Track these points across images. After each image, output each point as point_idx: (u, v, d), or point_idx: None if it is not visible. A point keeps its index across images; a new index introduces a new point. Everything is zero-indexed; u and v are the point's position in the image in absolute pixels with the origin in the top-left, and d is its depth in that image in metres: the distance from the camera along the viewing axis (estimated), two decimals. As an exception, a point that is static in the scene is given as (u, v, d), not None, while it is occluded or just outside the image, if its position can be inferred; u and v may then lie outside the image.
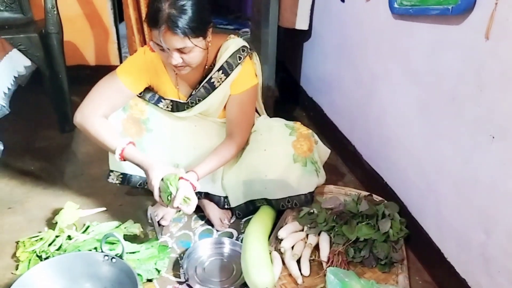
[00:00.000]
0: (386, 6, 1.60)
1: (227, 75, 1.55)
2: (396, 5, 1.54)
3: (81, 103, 1.52)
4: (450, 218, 1.36)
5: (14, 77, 1.85)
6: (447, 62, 1.32)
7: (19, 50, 2.00)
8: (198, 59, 1.45)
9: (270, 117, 1.82)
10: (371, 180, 1.85)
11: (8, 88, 1.75)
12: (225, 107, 1.67)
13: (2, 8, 2.17)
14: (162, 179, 1.38)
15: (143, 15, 2.43)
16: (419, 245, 1.54)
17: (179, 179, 1.40)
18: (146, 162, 1.43)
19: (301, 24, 2.35)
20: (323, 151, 1.74)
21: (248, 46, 1.58)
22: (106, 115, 1.54)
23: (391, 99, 1.66)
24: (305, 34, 2.41)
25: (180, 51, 1.39)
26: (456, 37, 1.28)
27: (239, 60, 1.55)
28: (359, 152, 1.97)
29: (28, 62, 2.01)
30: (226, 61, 1.54)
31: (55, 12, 2.07)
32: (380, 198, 1.69)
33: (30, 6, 2.20)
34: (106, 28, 2.80)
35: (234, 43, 1.56)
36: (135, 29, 2.51)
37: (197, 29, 1.36)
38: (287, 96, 2.68)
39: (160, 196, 1.39)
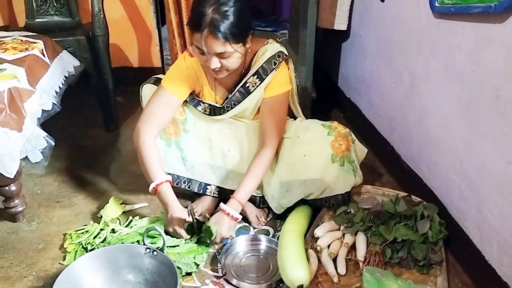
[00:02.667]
0: (427, 5, 1.58)
1: (261, 80, 1.58)
2: (437, 4, 1.52)
3: (138, 123, 1.60)
4: (492, 220, 1.33)
5: (65, 76, 1.95)
6: (490, 60, 1.29)
7: (68, 51, 2.10)
8: (236, 64, 1.49)
9: (307, 118, 1.82)
10: (410, 181, 1.82)
11: (59, 87, 1.85)
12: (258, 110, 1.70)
13: (52, 13, 2.30)
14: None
15: (184, 20, 2.49)
16: (459, 247, 1.51)
17: (220, 210, 1.58)
18: (176, 206, 1.55)
19: (340, 24, 2.34)
20: (360, 150, 1.73)
21: (284, 52, 1.60)
22: (161, 130, 1.63)
23: (432, 99, 1.64)
24: (344, 35, 2.41)
25: (220, 55, 1.43)
26: (499, 35, 1.25)
27: (274, 65, 1.57)
28: (397, 152, 1.94)
29: (77, 62, 2.11)
30: (262, 66, 1.57)
31: (102, 16, 2.16)
32: (419, 199, 1.66)
33: (78, 10, 2.33)
34: (149, 31, 2.89)
35: (271, 48, 1.59)
36: (175, 33, 2.57)
37: (238, 35, 1.40)
38: (324, 96, 2.67)
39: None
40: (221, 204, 1.58)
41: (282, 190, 1.65)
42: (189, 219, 1.54)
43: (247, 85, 1.59)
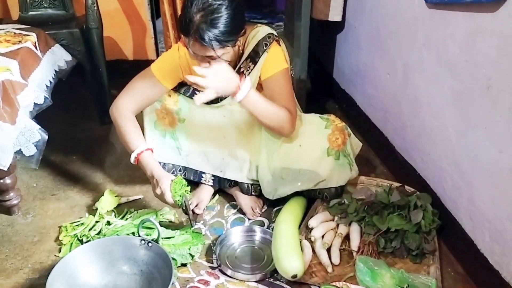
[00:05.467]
0: (420, -5, 1.58)
1: (254, 63, 1.57)
2: (430, -6, 1.53)
3: (117, 97, 1.62)
4: (484, 209, 1.34)
5: (55, 71, 1.94)
6: (482, 50, 1.30)
7: (62, 45, 2.09)
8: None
9: (302, 110, 1.83)
10: (404, 172, 1.83)
11: (50, 81, 1.84)
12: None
13: (46, 5, 2.28)
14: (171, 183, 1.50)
15: (178, 11, 2.48)
16: (452, 237, 1.53)
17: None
18: (159, 171, 1.54)
19: (335, 16, 2.34)
20: (355, 144, 1.74)
21: (274, 33, 1.59)
22: (139, 108, 1.63)
23: (425, 89, 1.65)
24: (339, 26, 2.40)
25: (208, 57, 1.43)
26: (491, 25, 1.25)
27: (265, 46, 1.56)
28: (391, 143, 1.95)
29: (69, 57, 2.10)
30: (253, 49, 1.56)
31: (95, 8, 2.15)
32: (413, 189, 1.68)
33: (72, 2, 2.31)
34: (144, 23, 2.87)
35: (261, 31, 1.58)
36: (169, 25, 2.56)
37: (226, 41, 1.39)
38: (319, 88, 2.68)
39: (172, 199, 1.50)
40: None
41: (277, 176, 1.66)
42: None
43: (241, 70, 1.59)
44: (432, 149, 1.63)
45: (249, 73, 1.58)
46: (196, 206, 1.73)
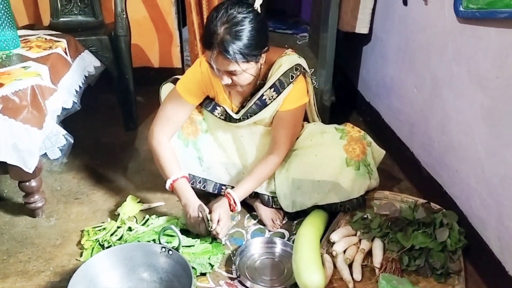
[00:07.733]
0: (451, 9, 1.55)
1: (278, 93, 1.56)
2: (461, 8, 1.50)
3: (152, 125, 1.65)
4: (514, 230, 1.30)
5: (85, 76, 1.98)
6: (515, 66, 1.27)
7: (90, 51, 2.14)
8: (248, 81, 1.48)
9: (326, 121, 1.81)
10: (430, 188, 1.79)
11: (80, 86, 1.88)
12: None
13: (76, 12, 2.34)
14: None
15: (205, 21, 2.50)
16: (479, 257, 1.48)
17: (224, 195, 1.61)
18: (194, 200, 1.57)
19: (362, 28, 2.32)
20: (376, 152, 1.71)
21: (302, 65, 1.58)
22: (174, 131, 1.66)
23: (455, 104, 1.61)
24: (365, 38, 2.39)
25: (231, 73, 1.42)
26: (526, 41, 1.22)
27: (291, 79, 1.55)
28: (417, 158, 1.91)
29: (97, 63, 2.14)
30: (278, 79, 1.55)
31: (124, 16, 2.19)
32: (438, 207, 1.63)
33: (102, 10, 2.36)
34: (171, 32, 2.91)
35: (288, 60, 1.56)
36: (197, 34, 2.59)
37: (249, 55, 1.39)
38: (344, 100, 2.65)
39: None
40: (229, 189, 1.60)
41: (294, 187, 1.65)
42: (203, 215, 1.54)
43: (263, 97, 1.58)
44: (460, 166, 1.59)
45: (272, 102, 1.58)
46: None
